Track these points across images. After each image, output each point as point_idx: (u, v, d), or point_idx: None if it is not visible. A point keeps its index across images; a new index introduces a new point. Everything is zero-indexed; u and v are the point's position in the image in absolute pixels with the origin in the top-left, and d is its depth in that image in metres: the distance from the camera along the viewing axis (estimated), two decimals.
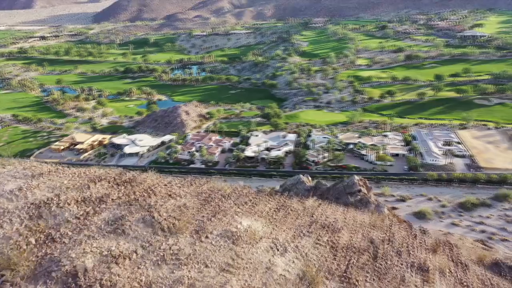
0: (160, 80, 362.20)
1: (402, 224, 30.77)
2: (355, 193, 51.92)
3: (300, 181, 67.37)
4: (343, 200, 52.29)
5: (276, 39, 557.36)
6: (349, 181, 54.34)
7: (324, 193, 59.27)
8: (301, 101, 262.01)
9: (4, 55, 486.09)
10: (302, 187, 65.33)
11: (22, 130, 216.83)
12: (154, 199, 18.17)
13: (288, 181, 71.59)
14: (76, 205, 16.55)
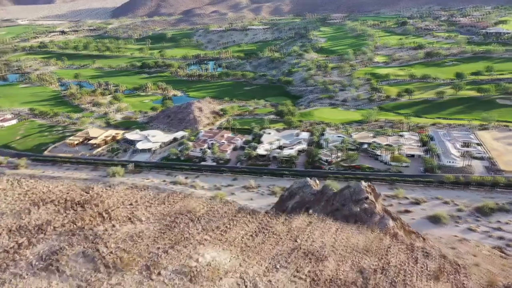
0: (176, 76, 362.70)
1: (404, 244, 28.30)
2: (361, 200, 49.50)
3: (306, 185, 65.23)
4: (348, 207, 49.91)
5: (293, 35, 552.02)
6: (356, 187, 51.89)
7: (330, 198, 56.99)
8: (316, 98, 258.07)
9: (26, 49, 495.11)
10: (309, 191, 63.18)
11: (38, 124, 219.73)
12: (105, 227, 16.49)
13: (295, 184, 69.70)
14: (8, 235, 14.90)
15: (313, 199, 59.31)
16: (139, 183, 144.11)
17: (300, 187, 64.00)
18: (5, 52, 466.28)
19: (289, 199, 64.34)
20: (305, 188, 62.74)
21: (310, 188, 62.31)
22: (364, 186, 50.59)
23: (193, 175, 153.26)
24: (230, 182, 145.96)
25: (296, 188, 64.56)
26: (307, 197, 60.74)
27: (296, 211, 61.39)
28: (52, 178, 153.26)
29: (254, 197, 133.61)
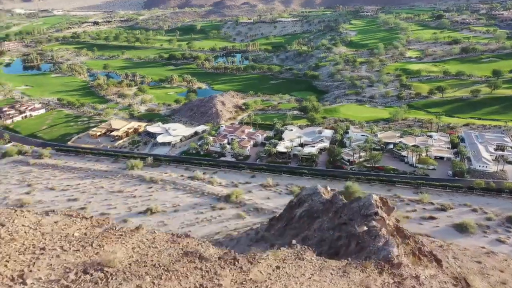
0: (202, 68, 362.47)
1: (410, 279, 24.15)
2: (370, 216, 45.17)
3: (316, 192, 61.20)
4: (356, 222, 45.71)
5: (323, 27, 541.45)
6: (365, 201, 47.59)
7: (339, 210, 52.85)
8: (342, 94, 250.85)
9: (59, 40, 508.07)
10: (318, 200, 59.17)
11: (65, 114, 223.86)
12: None
13: (304, 191, 65.75)
14: None
15: (321, 209, 55.38)
16: (157, 176, 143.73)
17: (310, 195, 60.10)
18: (40, 42, 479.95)
19: (297, 207, 60.65)
20: (314, 196, 58.81)
21: (319, 196, 58.33)
22: (374, 200, 46.14)
23: (211, 170, 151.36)
24: (248, 179, 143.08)
25: (306, 195, 60.70)
26: (316, 205, 56.84)
27: (304, 220, 57.69)
28: (73, 169, 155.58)
29: (271, 196, 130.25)
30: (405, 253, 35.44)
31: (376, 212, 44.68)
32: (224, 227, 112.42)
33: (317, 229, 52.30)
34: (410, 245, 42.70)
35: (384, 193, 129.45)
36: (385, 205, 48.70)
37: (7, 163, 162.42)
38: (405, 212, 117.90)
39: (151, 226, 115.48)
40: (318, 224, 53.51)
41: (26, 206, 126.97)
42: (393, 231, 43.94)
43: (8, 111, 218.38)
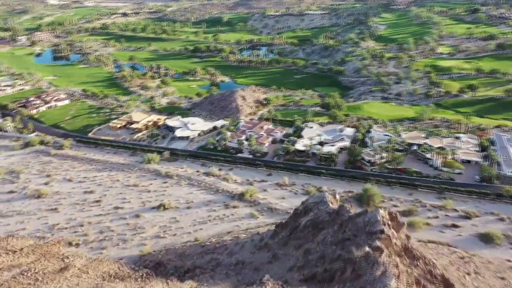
0: (227, 61, 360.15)
1: None
2: (375, 233, 41.30)
3: (323, 201, 57.44)
4: (360, 240, 41.92)
5: (352, 21, 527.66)
6: (371, 216, 43.66)
7: (344, 223, 49.09)
8: (368, 91, 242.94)
9: (88, 31, 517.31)
10: (324, 209, 55.47)
11: (88, 105, 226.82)
12: None
13: (311, 198, 62.04)
14: None
15: (327, 220, 51.79)
16: (172, 171, 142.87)
17: (316, 203, 56.51)
18: (70, 33, 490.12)
19: (303, 215, 57.21)
20: (321, 205, 55.19)
21: (326, 206, 54.66)
22: (380, 216, 42.17)
23: (227, 167, 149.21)
24: (264, 177, 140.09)
25: (312, 203, 57.16)
26: (322, 215, 53.27)
27: (308, 230, 54.23)
28: (92, 161, 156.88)
29: (287, 196, 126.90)
30: (408, 283, 31.58)
31: (382, 230, 40.74)
32: (236, 226, 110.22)
33: (321, 242, 48.83)
34: (419, 267, 38.61)
35: (405, 197, 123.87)
36: (394, 221, 44.69)
37: (30, 152, 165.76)
38: (426, 218, 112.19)
39: (163, 222, 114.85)
40: (322, 236, 50.02)
41: (43, 196, 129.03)
42: (401, 251, 39.94)
43: (34, 101, 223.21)
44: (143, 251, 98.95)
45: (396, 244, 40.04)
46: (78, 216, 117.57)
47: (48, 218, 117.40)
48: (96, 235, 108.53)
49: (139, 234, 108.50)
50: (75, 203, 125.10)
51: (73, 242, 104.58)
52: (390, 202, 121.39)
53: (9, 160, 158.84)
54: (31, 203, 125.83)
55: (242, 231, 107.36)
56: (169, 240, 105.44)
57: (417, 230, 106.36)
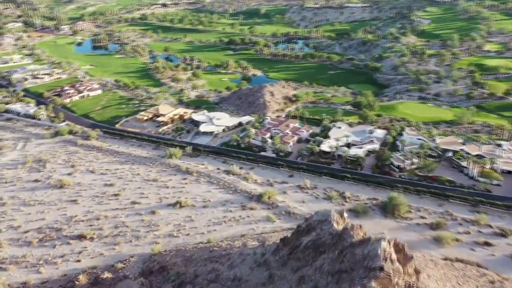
0: (261, 54, 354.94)
1: None
2: (374, 270, 35.97)
3: (328, 220, 52.10)
4: (356, 275, 36.71)
5: (394, 14, 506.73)
6: (371, 249, 38.26)
7: (344, 250, 43.83)
8: (404, 90, 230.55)
9: (128, 21, 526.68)
10: (328, 230, 50.20)
11: (119, 96, 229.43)
12: None
13: (316, 216, 56.61)
14: None
15: (328, 243, 46.73)
16: (193, 168, 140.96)
17: (320, 221, 51.37)
18: (110, 23, 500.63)
19: (305, 233, 52.31)
20: (325, 225, 50.05)
21: (330, 226, 49.44)
22: (382, 250, 36.71)
23: (249, 165, 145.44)
24: (286, 179, 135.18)
25: (316, 222, 52.05)
26: (324, 237, 48.22)
27: (309, 251, 49.35)
28: (116, 153, 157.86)
29: (307, 200, 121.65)
30: None
31: (382, 266, 35.33)
32: (251, 229, 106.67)
33: (318, 268, 43.97)
34: None
35: (434, 208, 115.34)
36: (401, 253, 38.99)
37: (59, 141, 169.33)
38: (455, 233, 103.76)
39: (177, 221, 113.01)
40: (321, 261, 45.14)
41: (65, 187, 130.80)
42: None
43: (68, 90, 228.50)
44: (154, 250, 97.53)
45: (398, 284, 34.48)
46: (95, 209, 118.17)
47: (67, 209, 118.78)
48: (110, 230, 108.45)
49: (153, 231, 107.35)
50: (95, 196, 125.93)
51: (87, 236, 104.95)
52: (417, 212, 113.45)
53: (38, 149, 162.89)
54: (53, 193, 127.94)
55: (256, 235, 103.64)
56: (182, 240, 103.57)
57: (444, 246, 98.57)
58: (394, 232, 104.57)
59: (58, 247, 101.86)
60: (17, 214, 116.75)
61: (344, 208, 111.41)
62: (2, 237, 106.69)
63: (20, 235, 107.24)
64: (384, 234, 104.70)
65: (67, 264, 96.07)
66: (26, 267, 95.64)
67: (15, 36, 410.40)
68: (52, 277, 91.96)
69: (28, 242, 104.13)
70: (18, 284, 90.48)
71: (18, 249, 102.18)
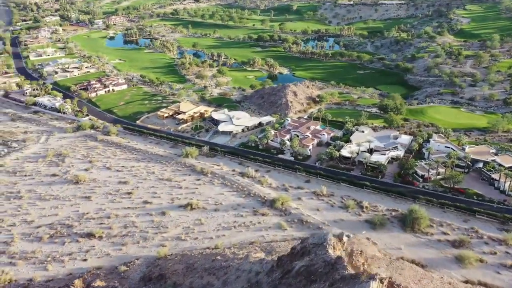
0: (289, 52, 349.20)
1: None
2: None
3: (323, 245, 47.51)
4: None
5: (431, 12, 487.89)
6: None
7: (336, 283, 39.25)
8: (436, 93, 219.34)
9: (160, 16, 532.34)
10: (322, 256, 45.72)
11: (143, 91, 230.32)
12: None
13: (311, 239, 51.95)
14: None
15: (321, 271, 42.32)
16: (208, 168, 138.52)
17: (316, 245, 47.00)
18: (142, 18, 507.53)
19: (299, 257, 48.00)
20: (320, 250, 45.63)
21: (325, 252, 44.96)
22: None
23: (265, 168, 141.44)
24: (302, 184, 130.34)
25: (311, 245, 47.73)
26: (318, 264, 43.84)
27: (301, 279, 45.09)
28: (133, 150, 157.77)
29: (322, 208, 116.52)
30: None
31: None
32: (261, 236, 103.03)
33: None
34: None
35: (459, 223, 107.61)
36: None
37: (80, 136, 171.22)
38: (480, 253, 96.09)
39: (187, 223, 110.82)
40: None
41: (81, 183, 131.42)
42: None
43: (94, 85, 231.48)
44: (159, 253, 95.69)
45: None
46: (107, 207, 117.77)
47: (80, 206, 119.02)
48: (120, 229, 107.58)
49: (161, 233, 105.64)
50: (108, 193, 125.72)
51: (96, 234, 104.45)
52: (439, 227, 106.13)
53: (60, 142, 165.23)
54: (68, 188, 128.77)
55: (265, 243, 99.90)
56: (189, 244, 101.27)
57: (467, 267, 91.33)
58: (412, 248, 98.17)
59: (67, 245, 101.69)
60: (32, 209, 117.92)
61: (343, 232, 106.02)
62: (15, 231, 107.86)
63: (32, 230, 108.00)
64: (401, 249, 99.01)
65: (74, 262, 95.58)
66: (34, 263, 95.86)
67: (51, 30, 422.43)
68: (57, 275, 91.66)
69: (39, 237, 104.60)
70: (24, 280, 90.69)
71: (28, 244, 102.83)
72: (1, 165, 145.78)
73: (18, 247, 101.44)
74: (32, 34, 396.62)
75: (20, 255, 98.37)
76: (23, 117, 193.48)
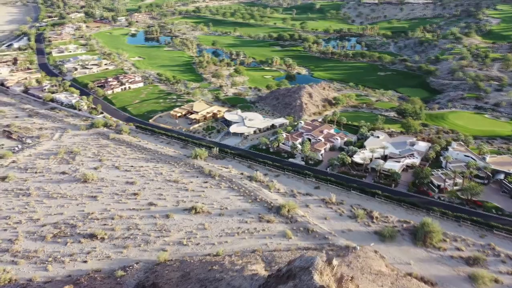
0: (308, 51, 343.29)
1: None
2: None
3: (309, 270, 43.82)
4: None
5: (459, 12, 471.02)
6: None
7: None
8: (459, 97, 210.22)
9: (182, 13, 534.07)
10: (306, 282, 42.08)
11: (159, 89, 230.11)
12: None
13: (298, 261, 48.15)
14: None
15: None
16: (216, 171, 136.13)
17: (302, 269, 43.44)
18: (164, 15, 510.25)
19: (285, 280, 44.55)
20: (305, 275, 42.09)
21: (310, 278, 41.40)
22: None
23: (274, 172, 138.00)
24: (311, 190, 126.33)
25: (297, 268, 44.20)
26: None
27: None
28: (143, 149, 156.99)
29: (330, 216, 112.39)
30: None
31: None
32: (264, 244, 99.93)
33: None
34: None
35: (475, 239, 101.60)
36: None
37: (92, 134, 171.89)
38: (496, 272, 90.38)
39: (190, 228, 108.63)
40: None
41: (89, 181, 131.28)
42: None
43: (111, 82, 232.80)
44: (159, 258, 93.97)
45: None
46: (112, 208, 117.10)
47: (86, 205, 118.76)
48: (122, 231, 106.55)
49: (163, 237, 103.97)
50: (115, 193, 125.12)
51: (99, 236, 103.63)
52: (453, 243, 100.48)
53: (73, 140, 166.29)
54: (76, 187, 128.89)
55: (267, 251, 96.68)
56: (190, 249, 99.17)
57: (480, 287, 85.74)
58: (422, 263, 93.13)
59: (69, 245, 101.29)
60: (39, 207, 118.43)
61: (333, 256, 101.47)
62: (20, 229, 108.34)
63: (37, 228, 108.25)
64: (410, 265, 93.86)
65: (74, 264, 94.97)
66: (35, 263, 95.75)
67: (74, 26, 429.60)
68: (56, 276, 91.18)
69: (43, 236, 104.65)
70: (24, 280, 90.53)
71: (32, 243, 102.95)
72: (14, 161, 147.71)
73: (21, 246, 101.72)
74: (56, 31, 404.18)
75: (23, 254, 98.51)
76: (40, 113, 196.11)
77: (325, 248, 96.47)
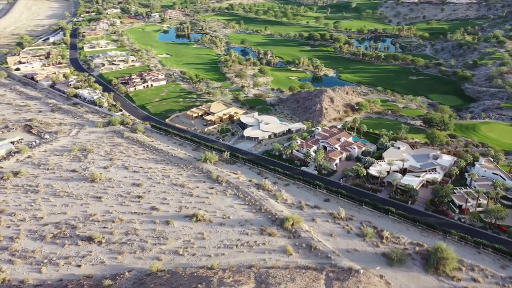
0: (339, 52, 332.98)
1: None
2: None
3: None
4: None
5: (505, 13, 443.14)
6: None
7: None
8: (495, 106, 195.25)
9: (215, 10, 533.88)
10: None
11: (180, 88, 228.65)
12: None
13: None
14: None
15: None
16: (223, 176, 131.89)
17: None
18: (197, 12, 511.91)
19: None
20: None
21: None
22: None
23: (284, 181, 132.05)
24: (320, 203, 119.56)
25: None
26: None
27: None
28: (155, 150, 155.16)
29: (336, 233, 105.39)
30: None
31: None
32: (262, 260, 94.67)
33: None
34: None
35: (495, 269, 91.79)
36: None
37: (108, 131, 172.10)
38: None
39: (188, 236, 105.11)
40: None
41: (96, 181, 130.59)
42: None
43: (135, 79, 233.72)
44: (151, 268, 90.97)
45: None
46: (115, 210, 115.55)
47: (90, 206, 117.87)
48: (120, 235, 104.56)
49: (160, 245, 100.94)
50: (119, 195, 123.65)
51: (96, 239, 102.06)
52: (469, 272, 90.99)
53: (88, 137, 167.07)
54: (83, 186, 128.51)
55: (264, 268, 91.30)
56: (186, 259, 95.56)
57: None
58: None
59: (66, 247, 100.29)
60: (44, 205, 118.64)
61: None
62: (23, 227, 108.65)
63: (39, 227, 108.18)
64: None
65: (68, 267, 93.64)
66: (31, 264, 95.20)
67: (109, 22, 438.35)
68: (48, 279, 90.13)
69: (43, 236, 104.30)
70: (17, 281, 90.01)
71: (31, 242, 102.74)
72: (30, 156, 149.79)
73: (21, 245, 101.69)
74: (91, 26, 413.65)
75: (20, 254, 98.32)
76: (62, 109, 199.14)
77: (325, 269, 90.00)
